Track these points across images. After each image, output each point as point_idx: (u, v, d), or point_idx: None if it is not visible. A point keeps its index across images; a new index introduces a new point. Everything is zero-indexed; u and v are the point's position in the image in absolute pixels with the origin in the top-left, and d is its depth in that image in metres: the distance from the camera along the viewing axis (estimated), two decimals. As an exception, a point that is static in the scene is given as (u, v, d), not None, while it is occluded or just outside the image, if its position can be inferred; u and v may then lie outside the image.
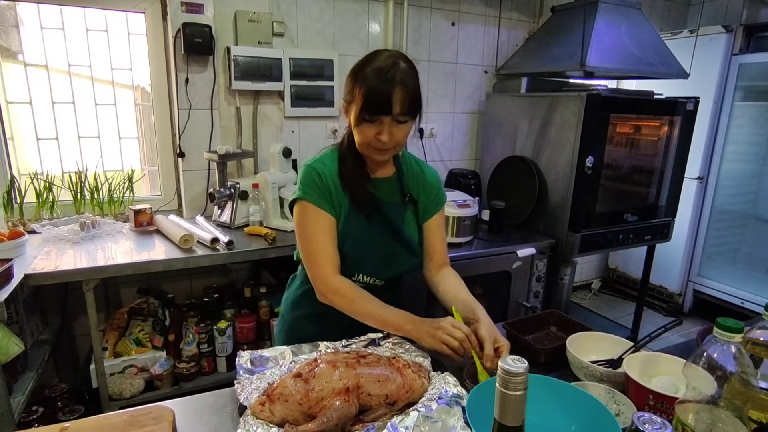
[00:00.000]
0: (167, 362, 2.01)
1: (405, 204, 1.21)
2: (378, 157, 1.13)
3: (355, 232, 1.15)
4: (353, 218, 1.15)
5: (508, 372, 0.52)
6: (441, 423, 0.79)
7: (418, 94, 1.08)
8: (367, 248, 1.16)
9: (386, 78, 1.02)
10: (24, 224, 2.01)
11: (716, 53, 3.07)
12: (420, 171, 1.27)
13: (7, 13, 2.01)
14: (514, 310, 2.42)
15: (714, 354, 0.67)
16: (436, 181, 1.28)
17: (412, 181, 1.24)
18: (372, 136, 1.07)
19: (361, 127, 1.07)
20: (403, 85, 1.03)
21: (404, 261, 1.22)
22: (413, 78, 1.07)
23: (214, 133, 2.28)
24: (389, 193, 1.20)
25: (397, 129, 1.07)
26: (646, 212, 2.65)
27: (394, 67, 1.04)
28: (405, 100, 1.04)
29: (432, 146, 2.93)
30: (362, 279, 1.19)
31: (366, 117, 1.05)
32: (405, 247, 1.21)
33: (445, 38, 2.82)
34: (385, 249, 1.18)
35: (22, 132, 2.12)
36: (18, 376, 1.64)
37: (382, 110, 1.03)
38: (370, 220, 1.16)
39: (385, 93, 1.02)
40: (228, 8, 2.22)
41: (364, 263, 1.17)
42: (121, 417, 0.82)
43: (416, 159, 1.31)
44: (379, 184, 1.19)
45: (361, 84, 1.04)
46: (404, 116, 1.06)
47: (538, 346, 1.13)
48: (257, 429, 0.79)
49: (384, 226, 1.18)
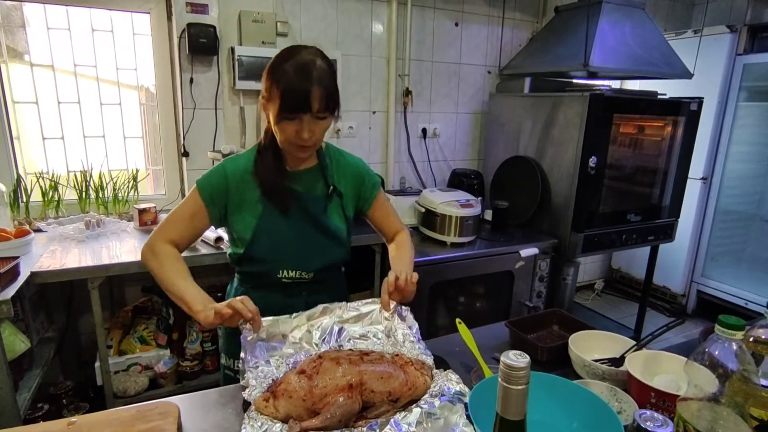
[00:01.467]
0: (171, 360, 2.02)
1: (328, 196, 1.20)
2: (300, 153, 1.12)
3: (271, 227, 1.15)
4: (269, 213, 1.15)
5: (510, 366, 0.53)
6: (443, 420, 0.80)
7: (335, 91, 1.07)
8: (287, 242, 1.16)
9: (304, 76, 1.02)
10: (30, 223, 2.03)
11: (720, 53, 3.06)
12: (344, 163, 1.26)
13: (14, 13, 2.03)
14: (517, 310, 2.42)
15: (715, 352, 0.67)
16: (362, 168, 1.28)
17: (336, 173, 1.23)
18: (293, 134, 1.06)
19: (282, 125, 1.06)
20: (320, 84, 1.03)
21: (329, 252, 1.21)
22: (331, 75, 1.07)
23: (218, 132, 2.29)
24: (309, 186, 1.19)
25: (317, 125, 1.06)
26: (650, 212, 2.65)
27: (312, 64, 1.03)
28: (323, 98, 1.03)
29: (435, 146, 2.94)
30: (288, 274, 1.18)
31: (285, 115, 1.04)
32: (329, 238, 1.20)
33: (448, 38, 2.82)
34: (306, 241, 1.18)
35: (28, 131, 2.14)
36: (24, 373, 1.66)
37: (300, 108, 1.03)
38: (288, 214, 1.16)
39: (303, 91, 1.01)
40: (232, 8, 2.23)
41: (286, 258, 1.17)
42: (127, 412, 0.83)
43: (338, 150, 1.29)
44: (299, 177, 1.18)
45: (279, 82, 1.03)
46: (323, 113, 1.05)
47: (541, 345, 1.13)
48: (261, 424, 0.80)
49: (304, 219, 1.17)
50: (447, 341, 1.21)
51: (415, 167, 2.88)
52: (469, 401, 0.82)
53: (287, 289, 1.19)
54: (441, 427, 0.79)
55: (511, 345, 1.21)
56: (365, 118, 2.70)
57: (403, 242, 1.29)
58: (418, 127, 2.85)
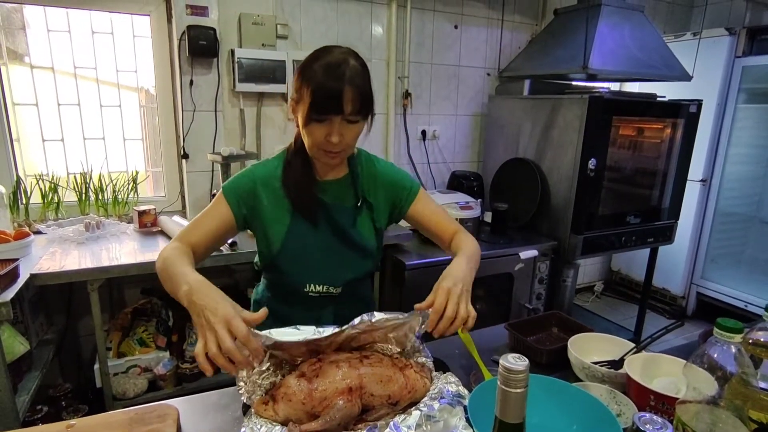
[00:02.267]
0: (170, 362, 2.02)
1: (358, 208, 1.14)
2: (328, 160, 1.06)
3: (299, 239, 1.10)
4: (298, 225, 1.10)
5: (509, 369, 0.53)
6: (443, 422, 0.80)
7: (369, 93, 1.02)
8: (314, 255, 1.11)
9: (335, 75, 0.96)
10: (29, 225, 2.03)
11: (719, 56, 3.07)
12: (376, 172, 1.18)
13: (14, 15, 2.03)
14: (517, 312, 2.42)
15: (714, 354, 0.68)
16: (395, 176, 1.20)
17: (366, 183, 1.17)
18: (322, 138, 1.00)
19: (310, 128, 1.00)
20: (353, 84, 0.97)
21: (357, 265, 1.15)
22: (364, 76, 1.00)
23: (218, 134, 2.30)
24: (339, 196, 1.14)
25: (348, 130, 1.00)
26: (649, 214, 2.65)
27: (344, 64, 0.97)
28: (356, 99, 0.97)
29: (434, 148, 2.94)
30: (315, 288, 1.12)
31: (315, 117, 0.98)
32: (356, 251, 1.14)
33: (447, 41, 2.83)
34: (334, 255, 1.12)
35: (28, 133, 2.14)
36: (23, 375, 1.66)
37: (331, 109, 0.97)
38: (316, 226, 1.10)
39: (334, 91, 0.95)
40: (232, 11, 2.24)
41: (314, 271, 1.11)
42: (126, 415, 0.83)
43: (371, 157, 1.21)
44: (328, 187, 1.13)
45: (309, 82, 0.97)
46: (355, 116, 0.99)
47: (540, 347, 1.13)
48: (261, 428, 0.80)
49: (332, 231, 1.12)
50: (446, 343, 1.20)
51: (414, 169, 2.88)
52: (468, 404, 0.82)
53: (313, 302, 1.14)
54: (440, 430, 0.79)
55: (511, 347, 1.21)
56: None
57: (459, 246, 1.10)
58: (418, 129, 2.85)
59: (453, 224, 1.20)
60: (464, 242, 1.12)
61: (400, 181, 1.19)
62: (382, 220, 1.19)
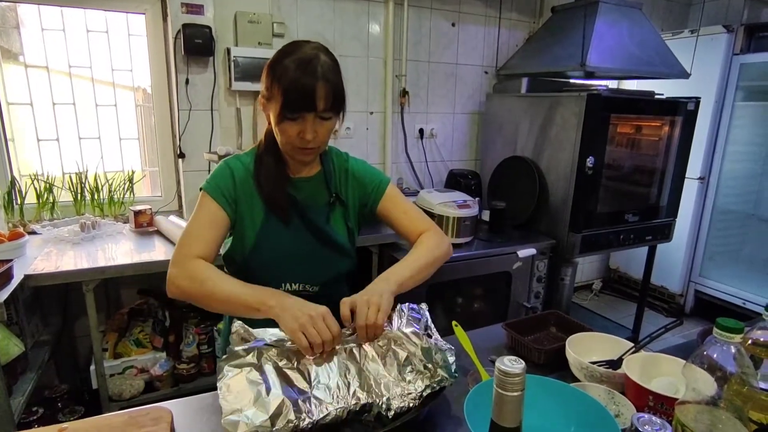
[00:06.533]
0: (167, 363, 2.01)
1: (330, 204, 1.14)
2: (302, 157, 1.05)
3: (273, 237, 1.08)
4: (270, 223, 1.08)
5: (505, 372, 0.52)
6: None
7: (341, 89, 1.00)
8: (289, 254, 1.09)
9: (307, 72, 0.94)
10: (24, 225, 2.01)
11: (717, 53, 3.06)
12: (347, 168, 1.18)
13: (8, 14, 2.02)
14: (515, 311, 2.42)
15: (714, 354, 0.67)
16: (365, 170, 1.19)
17: (338, 180, 1.16)
18: (295, 135, 0.99)
19: (283, 126, 0.99)
20: (325, 79, 0.95)
21: (334, 264, 1.14)
22: (336, 71, 0.99)
23: (215, 133, 2.28)
24: (311, 194, 1.12)
25: (321, 126, 1.00)
26: (647, 212, 2.65)
27: (316, 59, 0.96)
28: (329, 95, 0.96)
29: (432, 147, 2.93)
30: (291, 287, 1.10)
31: (288, 115, 0.97)
32: (333, 249, 1.13)
33: (445, 39, 2.82)
34: (309, 254, 1.10)
35: (22, 133, 2.12)
36: (18, 377, 1.64)
37: (304, 107, 0.96)
38: (289, 224, 1.09)
39: (307, 88, 0.94)
40: (228, 9, 2.22)
41: (289, 270, 1.10)
42: (119, 418, 0.82)
43: (342, 154, 1.21)
44: (300, 185, 1.11)
45: (281, 79, 0.96)
46: (328, 113, 0.99)
47: (538, 347, 1.12)
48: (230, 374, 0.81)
49: (306, 229, 1.10)
50: (444, 343, 1.19)
51: (412, 168, 2.87)
52: (465, 405, 0.81)
53: None
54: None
55: (509, 347, 1.20)
56: (362, 118, 2.69)
57: (418, 245, 1.13)
58: (416, 128, 2.84)
59: (423, 224, 1.18)
60: (420, 244, 1.12)
61: (369, 177, 1.18)
62: (353, 219, 1.18)
